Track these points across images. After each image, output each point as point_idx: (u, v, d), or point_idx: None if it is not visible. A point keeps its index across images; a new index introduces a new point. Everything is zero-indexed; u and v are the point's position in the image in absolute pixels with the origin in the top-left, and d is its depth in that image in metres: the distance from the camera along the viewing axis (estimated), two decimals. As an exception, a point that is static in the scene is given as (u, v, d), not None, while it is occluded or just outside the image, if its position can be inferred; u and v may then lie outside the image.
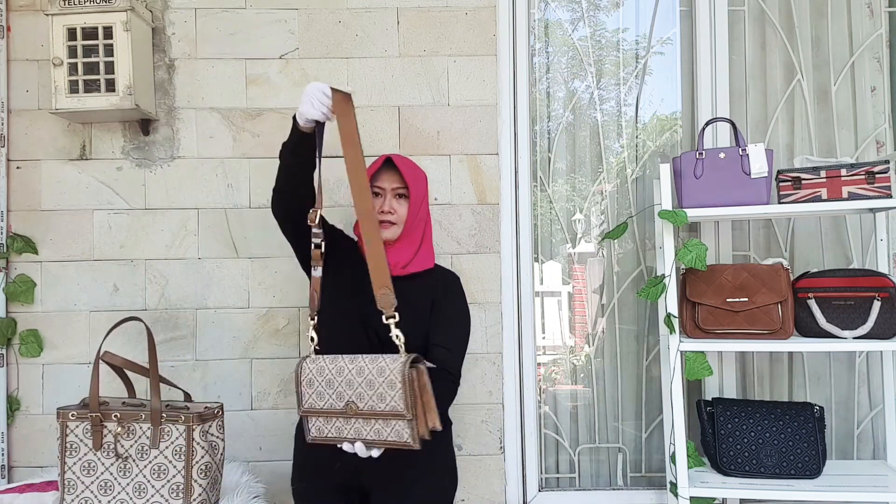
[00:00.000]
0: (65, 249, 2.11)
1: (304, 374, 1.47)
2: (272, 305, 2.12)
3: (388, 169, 1.70)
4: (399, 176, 1.68)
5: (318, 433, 1.48)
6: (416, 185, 1.69)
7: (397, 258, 1.66)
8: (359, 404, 1.41)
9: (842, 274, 1.96)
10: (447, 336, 1.64)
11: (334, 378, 1.44)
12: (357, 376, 1.42)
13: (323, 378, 1.45)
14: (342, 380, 1.43)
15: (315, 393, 1.45)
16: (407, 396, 1.37)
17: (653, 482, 2.28)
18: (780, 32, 2.30)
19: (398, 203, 1.68)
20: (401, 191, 1.68)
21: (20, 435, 2.09)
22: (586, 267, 2.38)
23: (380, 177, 1.69)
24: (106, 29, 1.91)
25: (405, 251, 1.68)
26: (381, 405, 1.39)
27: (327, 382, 1.45)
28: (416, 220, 1.69)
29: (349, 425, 1.44)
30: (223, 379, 2.12)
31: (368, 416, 1.41)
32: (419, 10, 2.17)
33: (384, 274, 1.46)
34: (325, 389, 1.44)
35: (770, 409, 1.99)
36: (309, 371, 1.47)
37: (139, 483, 1.57)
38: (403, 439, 1.39)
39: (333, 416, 1.45)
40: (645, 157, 2.35)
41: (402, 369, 1.38)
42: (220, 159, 2.14)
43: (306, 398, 1.46)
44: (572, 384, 2.37)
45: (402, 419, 1.38)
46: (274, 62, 2.15)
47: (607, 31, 2.37)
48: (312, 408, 1.46)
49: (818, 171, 1.91)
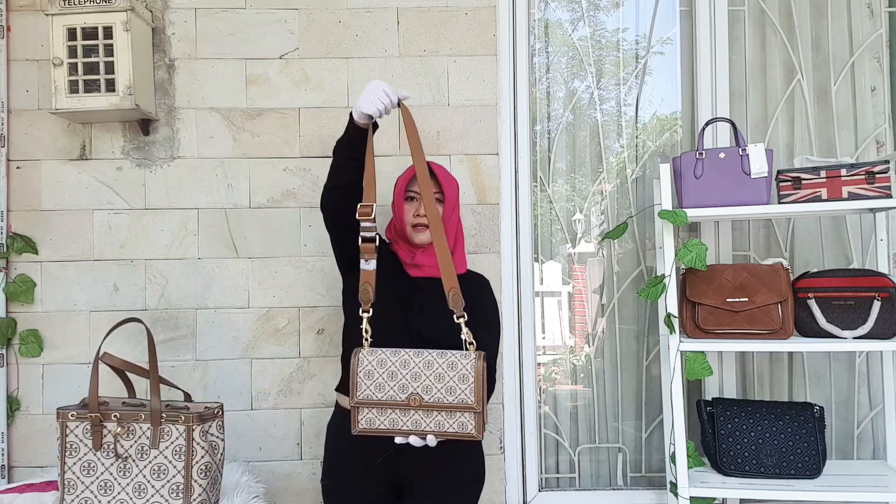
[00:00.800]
0: (65, 249, 2.11)
1: (362, 365, 1.47)
2: (272, 305, 2.13)
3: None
4: (435, 181, 1.73)
5: (368, 425, 1.47)
6: (450, 191, 1.74)
7: (433, 261, 1.68)
8: (424, 396, 1.44)
9: (842, 274, 1.96)
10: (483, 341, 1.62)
11: (398, 370, 1.46)
12: (425, 369, 1.45)
13: (385, 370, 1.46)
14: (407, 372, 1.45)
15: (374, 384, 1.45)
16: (478, 390, 1.44)
17: (653, 482, 2.28)
18: (780, 32, 2.30)
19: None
20: (436, 196, 1.72)
21: (20, 435, 2.09)
22: (586, 267, 2.38)
23: (415, 181, 1.73)
24: (106, 29, 1.91)
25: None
26: (450, 398, 1.44)
27: (390, 374, 1.46)
28: (449, 223, 1.72)
29: (406, 417, 1.45)
30: (223, 379, 2.11)
31: (431, 408, 1.44)
32: (419, 10, 2.17)
33: (452, 276, 1.53)
34: (387, 381, 1.45)
35: (770, 409, 1.99)
36: (368, 362, 1.47)
37: (139, 483, 1.57)
38: (468, 430, 1.44)
39: (389, 408, 1.46)
40: (645, 157, 2.35)
41: (475, 364, 1.45)
42: (219, 159, 2.14)
43: (362, 389, 1.46)
44: (572, 384, 2.37)
45: (469, 411, 1.44)
46: (274, 62, 2.15)
47: (607, 31, 2.37)
48: (369, 399, 1.45)
49: (818, 171, 1.91)
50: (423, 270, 1.72)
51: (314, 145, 2.15)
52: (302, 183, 2.14)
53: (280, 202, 2.14)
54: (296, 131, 2.15)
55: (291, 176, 2.14)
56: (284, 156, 2.14)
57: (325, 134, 2.15)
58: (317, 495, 2.10)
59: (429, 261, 1.70)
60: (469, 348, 1.49)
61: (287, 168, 2.14)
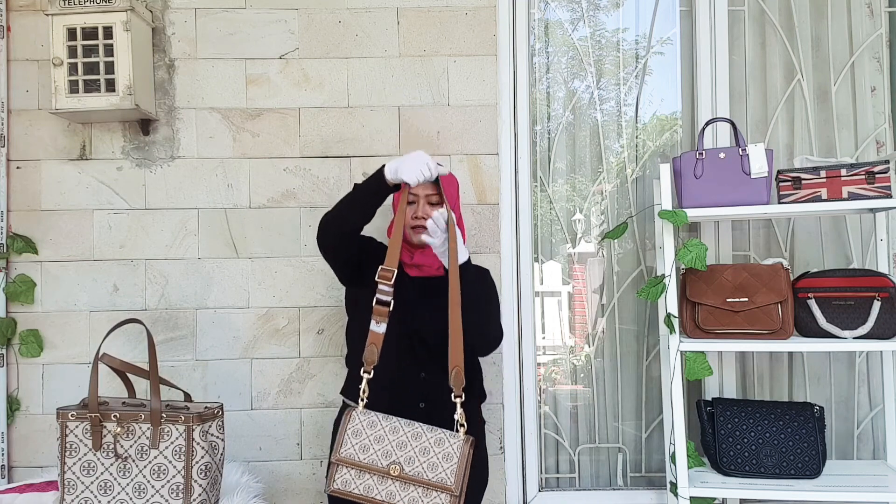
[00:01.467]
0: (65, 249, 2.11)
1: (353, 424, 1.46)
2: (272, 305, 2.12)
3: None
4: (433, 183, 1.72)
5: (343, 486, 1.44)
6: (449, 192, 1.74)
7: (433, 260, 1.71)
8: (405, 467, 1.42)
9: (842, 274, 1.96)
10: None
11: (386, 436, 1.45)
12: (412, 440, 1.44)
13: (373, 432, 1.45)
14: (395, 440, 1.44)
15: (359, 445, 1.44)
16: (459, 473, 1.41)
17: (653, 482, 2.28)
18: (780, 32, 2.30)
19: (431, 209, 1.72)
20: (434, 198, 1.73)
21: (20, 435, 2.09)
22: (586, 267, 2.38)
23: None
24: (106, 29, 1.91)
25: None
26: (430, 474, 1.41)
27: (377, 438, 1.45)
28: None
29: (383, 486, 1.43)
30: (223, 379, 2.11)
31: (410, 481, 1.42)
32: (419, 10, 2.17)
33: (459, 354, 1.50)
34: (373, 444, 1.44)
35: (770, 409, 1.99)
36: (359, 422, 1.46)
37: (139, 483, 1.57)
38: None
39: (368, 473, 1.44)
40: (645, 157, 2.35)
41: (462, 447, 1.43)
42: (219, 159, 2.14)
43: (346, 447, 1.44)
44: (572, 384, 2.37)
45: (447, 493, 1.41)
46: (274, 62, 2.15)
47: (607, 31, 2.37)
48: (351, 458, 1.44)
49: (818, 171, 1.91)
50: (423, 270, 1.74)
51: (314, 145, 2.15)
52: (302, 183, 2.14)
53: (280, 202, 2.14)
54: (296, 131, 2.15)
55: (291, 176, 2.14)
56: (284, 156, 2.14)
57: (325, 134, 2.15)
58: (317, 495, 2.11)
59: (428, 260, 1.72)
60: (459, 430, 1.47)
61: (287, 168, 2.14)
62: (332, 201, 2.12)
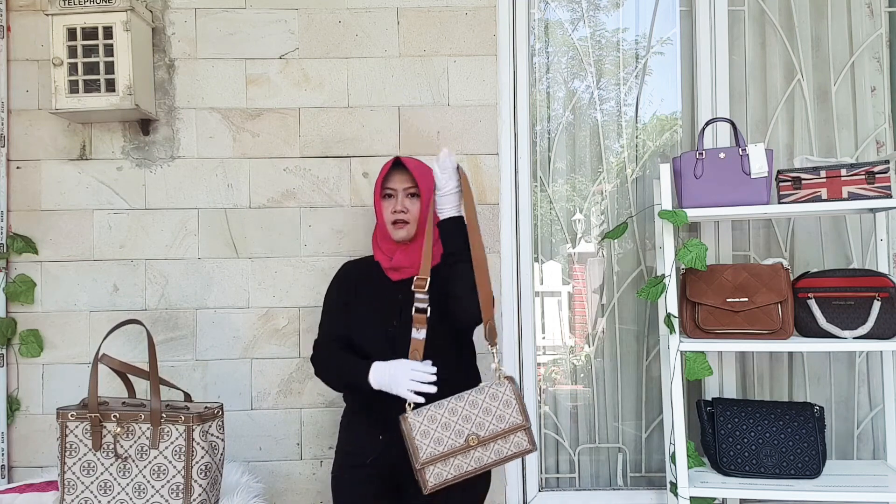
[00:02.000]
0: (65, 249, 2.11)
1: (416, 428, 1.52)
2: (272, 305, 2.12)
3: (398, 170, 1.75)
4: (409, 176, 1.73)
5: (437, 480, 1.51)
6: (426, 184, 1.73)
7: (413, 258, 1.71)
8: (480, 433, 1.52)
9: (842, 274, 1.96)
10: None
11: (449, 420, 1.53)
12: (472, 408, 1.54)
13: (437, 424, 1.53)
14: (457, 418, 1.53)
15: (432, 441, 1.51)
16: (522, 409, 1.56)
17: (653, 482, 2.28)
18: (780, 32, 2.30)
19: (410, 202, 1.73)
20: (412, 190, 1.74)
21: (20, 435, 2.09)
22: (586, 267, 2.38)
23: (391, 178, 1.75)
24: (106, 29, 1.91)
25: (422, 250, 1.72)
26: (502, 425, 1.54)
27: (443, 426, 1.53)
28: (429, 216, 1.72)
29: (469, 458, 1.52)
30: (223, 379, 2.11)
31: (488, 440, 1.53)
32: (419, 10, 2.17)
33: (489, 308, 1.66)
34: (443, 433, 1.52)
35: (770, 409, 1.99)
36: (419, 423, 1.52)
37: (139, 483, 1.57)
38: (524, 447, 1.56)
39: (451, 457, 1.51)
40: (645, 157, 2.35)
41: (513, 388, 1.58)
42: (219, 159, 2.14)
43: (423, 449, 1.51)
44: (572, 384, 2.37)
45: (522, 430, 1.55)
46: (274, 62, 2.15)
47: (607, 31, 2.37)
48: (433, 456, 1.50)
49: (818, 171, 1.91)
50: (403, 272, 1.73)
51: (314, 145, 2.15)
52: (302, 183, 2.14)
53: (280, 202, 2.14)
54: (296, 131, 2.15)
55: (291, 176, 2.14)
56: (284, 156, 2.14)
57: (325, 134, 2.15)
58: (317, 495, 2.11)
59: (407, 261, 1.72)
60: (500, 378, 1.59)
61: (287, 168, 2.14)
62: (333, 201, 2.13)
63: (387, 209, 1.73)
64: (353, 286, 1.79)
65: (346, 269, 1.86)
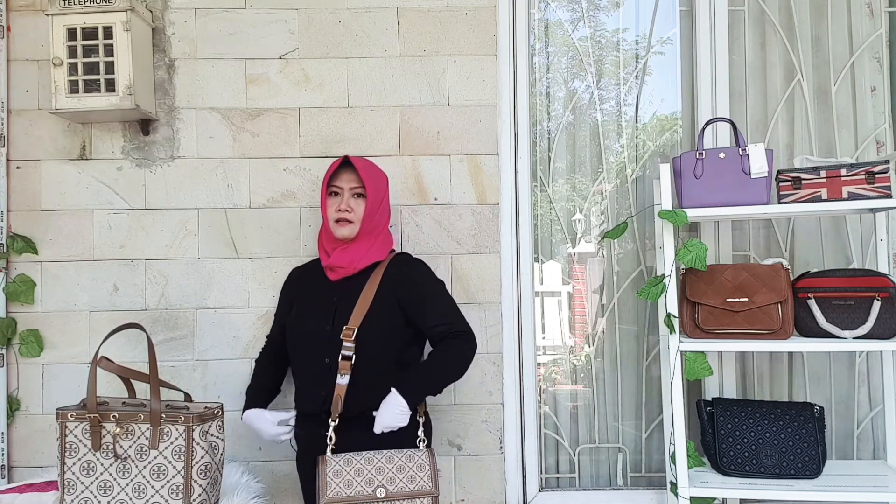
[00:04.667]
0: (65, 249, 2.11)
1: (331, 467, 1.59)
2: (272, 305, 2.12)
3: (346, 169, 1.78)
4: (356, 175, 1.76)
5: None
6: (374, 185, 1.77)
7: (349, 257, 1.76)
8: (389, 487, 1.60)
9: (842, 274, 1.96)
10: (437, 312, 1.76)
11: (363, 467, 1.62)
12: (387, 463, 1.63)
13: (351, 468, 1.60)
14: (371, 468, 1.62)
15: (343, 482, 1.58)
16: (434, 477, 1.63)
17: (653, 482, 2.28)
18: (780, 32, 2.30)
19: (356, 202, 1.77)
20: (358, 190, 1.77)
21: (20, 435, 2.09)
22: (586, 267, 2.38)
23: (338, 177, 1.79)
24: (106, 29, 1.91)
25: (360, 250, 1.78)
26: (412, 486, 1.62)
27: (356, 472, 1.61)
28: (373, 218, 1.77)
29: None
30: (223, 379, 2.11)
31: (395, 497, 1.61)
32: (419, 10, 2.17)
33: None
34: (355, 478, 1.59)
35: (770, 409, 1.99)
36: (335, 463, 1.60)
37: (139, 483, 1.57)
38: None
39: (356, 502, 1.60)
40: (645, 157, 2.35)
41: (429, 455, 1.67)
42: (219, 159, 2.14)
43: (331, 488, 1.58)
44: (572, 384, 2.37)
45: (429, 496, 1.63)
46: (274, 62, 2.15)
47: (607, 31, 2.37)
48: (338, 496, 1.57)
49: (818, 171, 1.91)
50: (338, 272, 1.78)
51: (314, 145, 2.15)
52: (302, 183, 2.14)
53: (280, 202, 2.14)
54: (296, 131, 2.15)
55: (291, 176, 2.14)
56: (284, 156, 2.14)
57: (325, 134, 2.15)
58: (317, 495, 2.11)
59: (343, 260, 1.76)
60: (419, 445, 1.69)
61: (287, 168, 2.14)
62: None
63: (331, 207, 1.77)
64: (295, 288, 1.91)
65: (292, 273, 1.97)
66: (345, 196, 1.75)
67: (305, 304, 1.83)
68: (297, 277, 1.95)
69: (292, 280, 1.96)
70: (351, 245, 1.77)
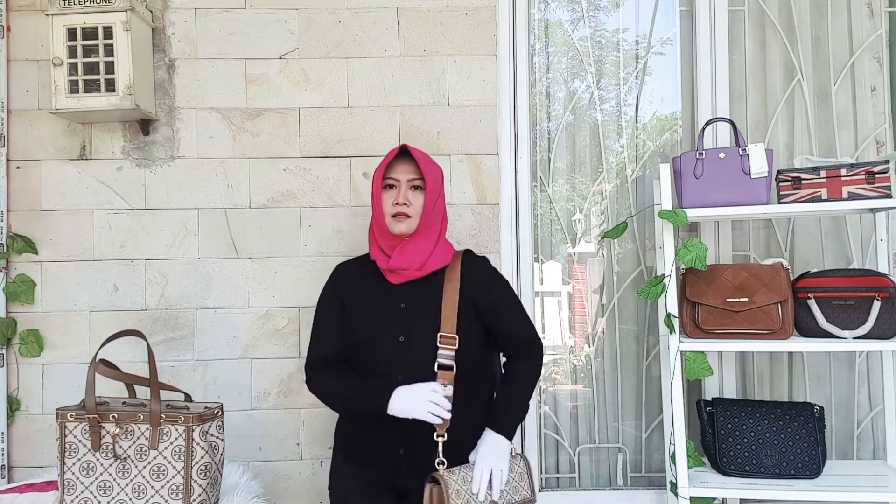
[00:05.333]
0: (65, 249, 2.11)
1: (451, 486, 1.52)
2: (272, 305, 2.12)
3: (403, 159, 1.62)
4: (415, 167, 1.60)
5: None
6: (433, 176, 1.62)
7: (412, 258, 1.60)
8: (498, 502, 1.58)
9: (842, 274, 1.96)
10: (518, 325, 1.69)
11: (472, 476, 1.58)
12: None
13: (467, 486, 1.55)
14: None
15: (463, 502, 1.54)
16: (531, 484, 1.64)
17: (653, 482, 2.28)
18: (780, 32, 2.30)
19: (413, 195, 1.60)
20: (417, 182, 1.60)
21: (20, 435, 2.09)
22: (586, 267, 2.38)
23: (394, 168, 1.62)
24: (106, 29, 1.91)
25: (422, 249, 1.62)
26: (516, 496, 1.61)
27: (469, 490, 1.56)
28: (433, 212, 1.62)
29: None
30: (223, 379, 2.11)
31: None
32: (419, 10, 2.17)
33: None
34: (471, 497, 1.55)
35: (770, 409, 1.99)
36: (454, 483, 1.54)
37: (138, 484, 1.57)
38: None
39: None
40: (645, 157, 2.35)
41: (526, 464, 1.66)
42: (219, 159, 2.14)
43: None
44: (572, 384, 2.37)
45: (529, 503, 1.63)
46: (274, 62, 2.15)
47: (607, 31, 2.37)
48: None
49: (818, 171, 1.91)
50: (402, 275, 1.62)
51: (314, 145, 2.15)
52: (302, 183, 2.14)
53: (280, 202, 2.14)
54: (296, 131, 2.15)
55: (291, 176, 2.14)
56: (284, 156, 2.14)
57: (325, 134, 2.15)
58: (317, 495, 2.11)
59: (405, 262, 1.60)
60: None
61: (287, 168, 2.14)
62: (333, 201, 2.13)
63: (387, 201, 1.60)
64: (348, 292, 1.68)
65: (339, 273, 1.74)
66: (402, 188, 1.58)
67: (370, 316, 1.63)
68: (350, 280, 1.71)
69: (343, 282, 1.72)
70: (409, 244, 1.60)
